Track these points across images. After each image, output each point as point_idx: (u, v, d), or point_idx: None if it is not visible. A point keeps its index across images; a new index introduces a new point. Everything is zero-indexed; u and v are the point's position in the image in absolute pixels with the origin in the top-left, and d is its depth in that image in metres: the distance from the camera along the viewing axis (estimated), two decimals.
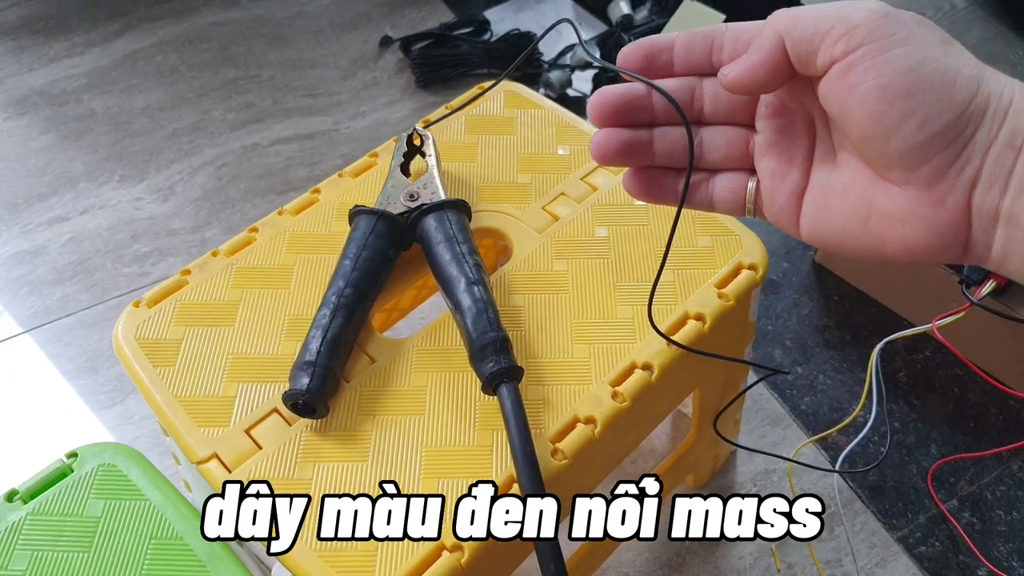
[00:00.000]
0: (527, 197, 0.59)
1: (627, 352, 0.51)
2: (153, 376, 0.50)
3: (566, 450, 0.47)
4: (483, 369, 0.47)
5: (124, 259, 0.95)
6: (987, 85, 0.29)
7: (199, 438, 0.48)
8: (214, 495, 0.41)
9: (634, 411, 0.50)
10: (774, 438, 0.81)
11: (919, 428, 0.82)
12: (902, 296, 0.88)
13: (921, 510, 0.77)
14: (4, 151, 1.06)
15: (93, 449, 0.47)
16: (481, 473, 0.46)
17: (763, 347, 0.88)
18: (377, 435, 0.48)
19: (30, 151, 1.06)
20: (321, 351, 0.48)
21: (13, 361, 0.86)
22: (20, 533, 0.44)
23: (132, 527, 0.44)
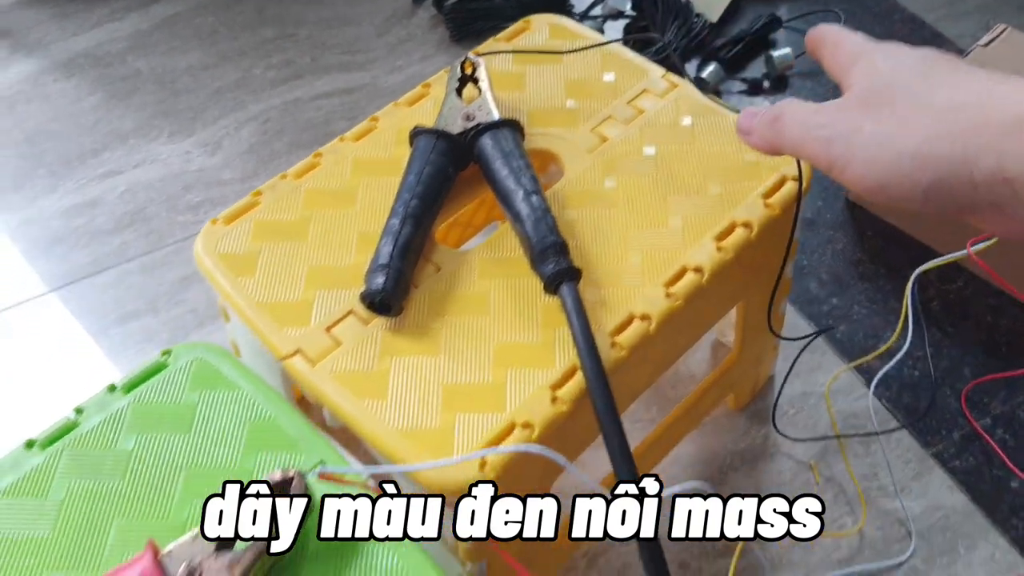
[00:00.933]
0: (576, 121, 0.62)
1: (678, 258, 0.54)
2: (235, 284, 0.54)
3: (623, 343, 0.50)
4: (544, 270, 0.50)
5: (178, 208, 0.99)
6: None
7: (283, 336, 0.51)
8: (214, 495, 0.39)
9: (686, 311, 0.53)
10: (811, 364, 0.84)
11: (953, 353, 0.84)
12: (935, 229, 0.90)
13: (955, 428, 0.80)
14: (55, 111, 1.10)
15: (185, 347, 0.50)
16: (545, 364, 0.50)
17: (799, 280, 0.90)
18: (447, 333, 0.51)
19: (80, 110, 1.10)
20: (394, 254, 0.51)
21: (77, 303, 0.90)
22: (125, 418, 0.48)
23: (227, 412, 0.48)
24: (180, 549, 0.40)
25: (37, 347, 0.87)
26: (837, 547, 0.73)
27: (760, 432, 0.80)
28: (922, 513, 0.75)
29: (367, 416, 0.48)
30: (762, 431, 0.80)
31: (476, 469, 0.46)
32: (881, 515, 0.75)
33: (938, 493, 0.76)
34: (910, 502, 0.75)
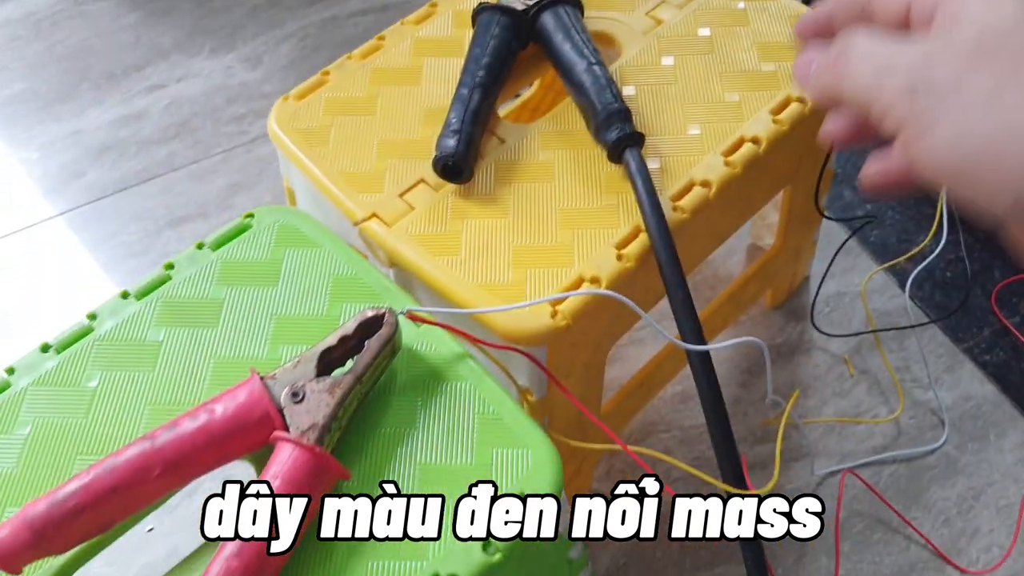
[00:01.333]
0: (631, 4, 0.64)
1: (736, 129, 0.56)
2: (309, 154, 0.56)
3: (685, 206, 0.53)
4: (608, 136, 0.53)
5: (222, 120, 1.01)
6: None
7: (358, 202, 0.54)
8: (214, 495, 0.39)
9: (743, 180, 0.55)
10: (845, 265, 0.86)
11: (982, 255, 0.87)
12: None
13: (986, 325, 0.82)
14: (96, 28, 1.12)
15: (267, 210, 0.53)
16: (609, 225, 0.52)
17: (833, 188, 0.92)
18: (514, 198, 0.54)
19: (120, 27, 1.12)
20: (464, 120, 0.53)
21: (129, 209, 0.92)
22: (214, 273, 0.50)
23: (310, 268, 0.50)
24: (283, 374, 0.43)
25: (96, 246, 0.90)
26: (871, 435, 0.76)
27: (796, 329, 0.83)
28: (954, 403, 0.77)
29: (443, 272, 0.51)
30: (798, 328, 0.83)
31: (548, 317, 0.48)
32: (914, 405, 0.77)
33: (969, 385, 0.79)
34: (943, 393, 0.78)
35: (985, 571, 0.68)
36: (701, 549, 0.71)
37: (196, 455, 0.41)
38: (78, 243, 0.90)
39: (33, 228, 0.92)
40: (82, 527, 0.39)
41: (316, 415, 0.41)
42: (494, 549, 0.41)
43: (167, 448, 0.40)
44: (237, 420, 0.41)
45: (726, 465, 0.48)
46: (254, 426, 0.41)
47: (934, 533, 0.70)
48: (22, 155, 0.98)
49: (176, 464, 0.40)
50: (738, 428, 0.76)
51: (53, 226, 0.92)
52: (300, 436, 0.41)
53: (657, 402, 0.78)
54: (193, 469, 0.41)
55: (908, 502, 0.72)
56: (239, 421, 0.41)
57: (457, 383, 0.46)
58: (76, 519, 0.39)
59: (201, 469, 0.41)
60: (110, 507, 0.40)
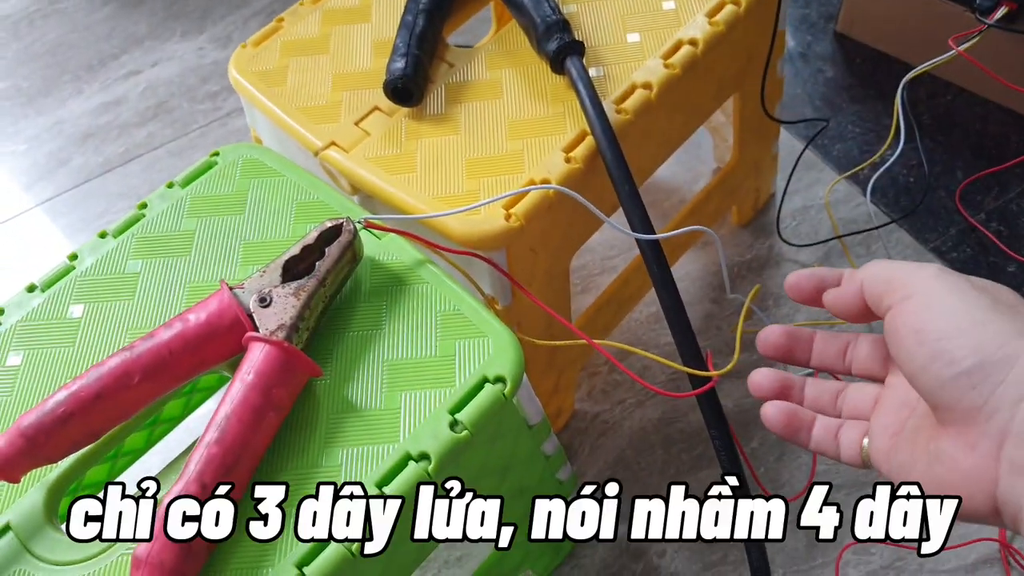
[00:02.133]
0: None
1: (673, 34, 0.58)
2: (269, 94, 0.58)
3: (628, 108, 0.55)
4: (549, 47, 0.55)
5: (197, 98, 1.03)
6: (1021, 342, 0.31)
7: (316, 132, 0.56)
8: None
9: (684, 82, 0.57)
10: (808, 180, 0.89)
11: (944, 158, 0.89)
12: (922, 48, 0.94)
13: (951, 224, 0.84)
14: (73, 23, 1.15)
15: (232, 148, 0.55)
16: (557, 132, 0.55)
17: (793, 107, 0.94)
18: (465, 116, 0.56)
19: (95, 20, 1.15)
20: (411, 43, 0.56)
21: (115, 188, 0.95)
22: (184, 207, 0.53)
23: (277, 196, 0.53)
24: (251, 283, 0.45)
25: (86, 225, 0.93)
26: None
27: (765, 244, 0.85)
28: None
29: (401, 188, 0.53)
30: (767, 243, 0.85)
31: (502, 220, 0.51)
32: None
33: None
34: None
35: None
36: (683, 454, 0.73)
37: (173, 361, 0.43)
38: (68, 224, 0.93)
39: (25, 215, 0.95)
40: (72, 434, 0.42)
41: (283, 316, 0.44)
42: (461, 427, 0.43)
43: (145, 355, 0.43)
44: (209, 326, 0.44)
45: (684, 347, 0.51)
46: (226, 331, 0.44)
47: None
48: (9, 148, 1.02)
49: (155, 370, 0.43)
50: (713, 341, 0.79)
51: (44, 210, 0.95)
52: (269, 335, 0.43)
53: (633, 323, 0.80)
54: (172, 375, 0.44)
55: None
56: (211, 327, 0.44)
57: (419, 286, 0.48)
58: (65, 426, 0.42)
59: (180, 375, 0.44)
60: (97, 414, 0.42)
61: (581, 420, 0.76)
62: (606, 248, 0.86)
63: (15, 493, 0.44)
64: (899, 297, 0.35)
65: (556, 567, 0.68)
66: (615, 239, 0.86)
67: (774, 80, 0.71)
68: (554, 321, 0.61)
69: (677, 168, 0.91)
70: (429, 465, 0.42)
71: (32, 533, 0.42)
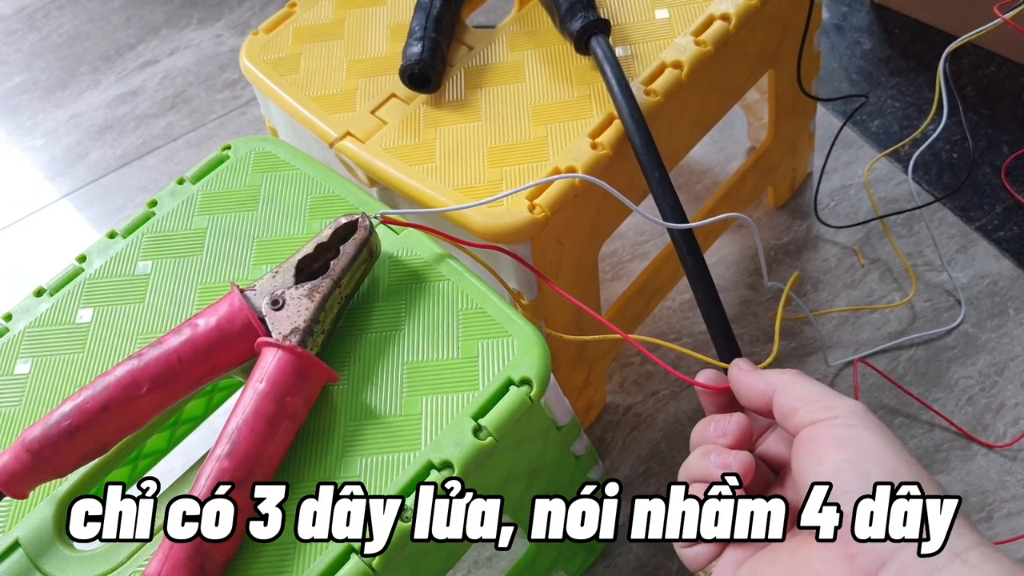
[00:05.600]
0: None
1: (704, 8, 0.55)
2: (281, 83, 0.56)
3: (658, 89, 0.52)
4: (573, 26, 0.52)
5: (216, 87, 1.01)
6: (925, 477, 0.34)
7: (331, 123, 0.54)
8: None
9: (716, 60, 0.54)
10: (847, 158, 0.85)
11: (989, 132, 0.84)
12: (963, 17, 0.89)
13: (997, 202, 0.80)
14: (88, 14, 1.13)
15: (243, 141, 0.53)
16: (582, 116, 0.52)
17: (830, 83, 0.90)
18: (486, 101, 0.53)
19: (112, 9, 1.13)
20: (428, 26, 0.53)
21: (134, 182, 0.94)
22: (195, 204, 0.51)
23: (290, 190, 0.51)
24: (263, 285, 0.43)
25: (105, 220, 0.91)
26: (886, 321, 0.75)
27: (802, 226, 0.81)
28: (970, 282, 0.76)
29: (419, 180, 0.51)
30: (804, 224, 0.81)
31: (527, 211, 0.48)
32: (928, 288, 0.76)
33: (984, 262, 0.77)
34: (957, 273, 0.76)
35: (1012, 443, 0.67)
36: None
37: (183, 369, 0.41)
38: (86, 221, 0.92)
39: (43, 210, 0.94)
40: (79, 447, 0.40)
41: (296, 319, 0.42)
42: (485, 433, 0.41)
43: (153, 364, 0.41)
44: (220, 331, 0.42)
45: (719, 338, 0.48)
46: (237, 336, 0.42)
47: (957, 412, 0.69)
48: (27, 143, 1.00)
49: (164, 379, 0.41)
50: (749, 329, 0.76)
51: (62, 206, 0.94)
52: (282, 340, 0.41)
53: (666, 312, 0.78)
54: (181, 383, 0.42)
55: (928, 384, 0.71)
56: (222, 332, 0.42)
57: (439, 283, 0.46)
58: (71, 439, 0.40)
59: (190, 383, 0.42)
60: (104, 426, 0.41)
61: (613, 413, 0.73)
62: (636, 233, 0.83)
63: (24, 508, 0.42)
64: (824, 414, 0.37)
65: (589, 566, 0.66)
66: (646, 223, 0.83)
67: (810, 55, 0.67)
68: (584, 313, 0.59)
69: (709, 148, 0.88)
70: (452, 474, 0.40)
71: (42, 550, 0.41)
